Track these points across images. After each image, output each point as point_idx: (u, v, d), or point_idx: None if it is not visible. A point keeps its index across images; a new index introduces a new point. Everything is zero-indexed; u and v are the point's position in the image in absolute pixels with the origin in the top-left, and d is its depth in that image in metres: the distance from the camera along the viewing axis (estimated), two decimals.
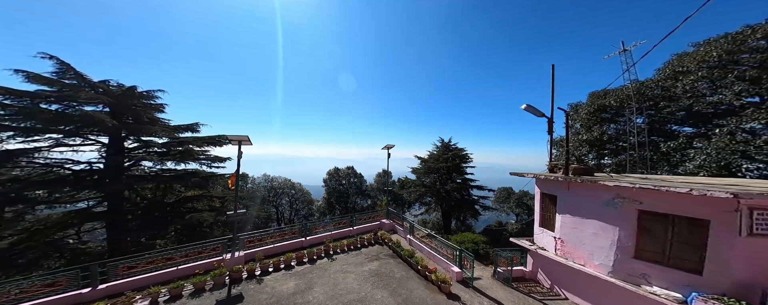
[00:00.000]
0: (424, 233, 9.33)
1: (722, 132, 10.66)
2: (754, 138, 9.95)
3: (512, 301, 5.96)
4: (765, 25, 10.67)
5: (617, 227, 5.22)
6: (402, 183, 27.35)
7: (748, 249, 3.80)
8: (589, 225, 5.78)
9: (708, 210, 4.07)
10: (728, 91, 11.41)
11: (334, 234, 10.10)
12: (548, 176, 7.04)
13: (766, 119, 9.74)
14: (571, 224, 6.25)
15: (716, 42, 11.89)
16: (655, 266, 4.71)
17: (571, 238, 6.26)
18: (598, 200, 5.57)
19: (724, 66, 11.50)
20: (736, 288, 3.86)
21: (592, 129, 15.54)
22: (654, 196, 4.66)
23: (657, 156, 12.74)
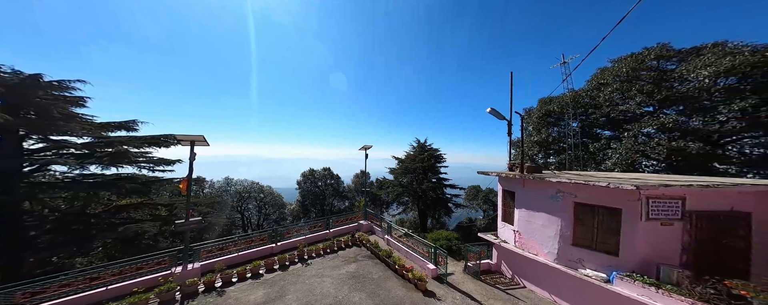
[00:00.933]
0: (401, 232, 9.60)
1: (628, 135, 13.52)
2: (649, 140, 12.89)
3: (481, 293, 6.46)
4: (656, 48, 13.83)
5: (559, 218, 6.05)
6: (380, 184, 27.56)
7: (647, 232, 4.82)
8: (539, 218, 6.59)
9: (620, 200, 5.04)
10: (632, 101, 14.49)
11: (309, 237, 9.71)
12: (508, 175, 7.88)
13: (657, 125, 12.69)
14: (526, 217, 7.05)
15: (625, 60, 14.80)
16: (587, 251, 5.59)
17: (526, 230, 7.04)
18: (545, 195, 6.39)
19: (630, 80, 14.49)
20: (640, 265, 4.85)
21: (541, 131, 18.03)
22: (585, 190, 5.57)
23: (587, 155, 15.48)
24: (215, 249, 7.67)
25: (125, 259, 6.30)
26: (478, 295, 6.30)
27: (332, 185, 31.81)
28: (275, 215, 29.58)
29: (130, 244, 11.01)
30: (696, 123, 11.84)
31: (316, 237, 9.98)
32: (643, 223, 4.78)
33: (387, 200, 26.60)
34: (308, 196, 30.32)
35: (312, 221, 11.30)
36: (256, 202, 29.11)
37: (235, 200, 27.60)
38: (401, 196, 23.51)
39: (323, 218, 11.20)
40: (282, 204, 30.49)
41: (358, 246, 9.70)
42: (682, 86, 12.49)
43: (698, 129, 11.61)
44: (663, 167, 12.36)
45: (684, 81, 12.33)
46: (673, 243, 4.83)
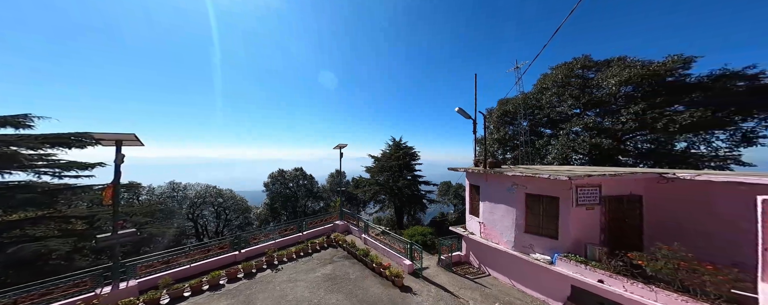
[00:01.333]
0: (378, 231, 9.73)
1: (563, 133, 16.27)
2: (577, 138, 15.74)
3: (452, 284, 6.95)
4: (581, 59, 16.79)
5: (515, 208, 6.86)
6: (356, 183, 27.32)
7: (577, 216, 5.86)
8: (500, 209, 7.36)
9: (558, 190, 5.99)
10: (565, 104, 17.41)
11: (279, 242, 9.19)
12: (473, 170, 8.59)
13: (582, 125, 15.55)
14: (489, 209, 7.78)
15: (559, 68, 17.63)
16: (536, 237, 6.42)
17: (489, 221, 7.75)
18: (503, 187, 7.14)
19: (563, 86, 17.36)
20: (574, 245, 5.84)
21: (500, 130, 20.31)
22: (533, 182, 6.44)
23: (534, 151, 18.10)
24: (158, 262, 6.70)
25: (23, 285, 4.96)
26: (450, 286, 6.77)
27: (305, 186, 30.26)
28: (238, 220, 26.80)
29: (29, 267, 8.54)
30: (607, 123, 14.93)
31: (288, 241, 9.46)
32: (574, 209, 5.78)
33: (364, 199, 26.61)
34: (278, 198, 28.31)
35: (283, 224, 10.66)
36: (213, 208, 25.77)
37: (186, 207, 23.96)
38: (378, 194, 23.78)
39: (296, 221, 10.67)
40: (246, 208, 27.73)
41: (334, 246, 9.51)
42: (598, 92, 15.51)
43: (609, 128, 14.68)
44: (587, 160, 15.30)
45: (599, 88, 15.32)
46: (595, 224, 5.95)
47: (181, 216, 23.10)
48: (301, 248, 8.72)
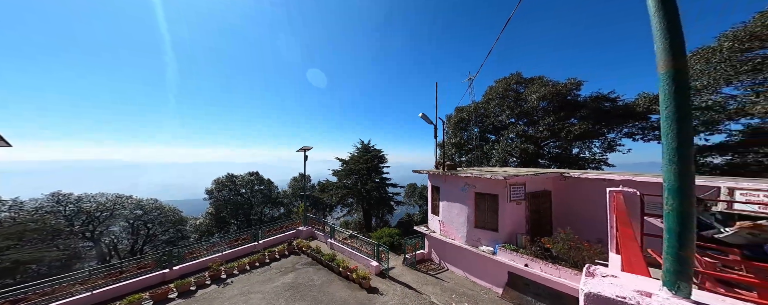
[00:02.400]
0: (346, 234, 9.67)
1: (503, 139, 19.54)
2: (512, 143, 19.18)
3: (417, 281, 7.45)
4: (515, 75, 20.55)
5: (467, 206, 7.86)
6: (322, 186, 26.07)
7: (510, 210, 7.17)
8: (455, 207, 8.29)
9: (497, 188, 7.21)
10: (504, 114, 20.94)
11: (227, 254, 8.31)
12: (434, 172, 9.49)
13: (516, 132, 19.03)
14: (447, 208, 8.64)
15: (500, 81, 21.16)
16: (483, 231, 7.47)
17: (447, 219, 8.58)
18: (458, 187, 8.07)
19: (503, 97, 20.88)
20: (509, 236, 7.12)
21: (457, 135, 22.83)
22: (480, 182, 7.53)
23: (481, 154, 21.13)
24: (35, 294, 5.41)
25: None
26: (415, 284, 7.25)
27: (262, 191, 27.11)
28: (168, 235, 21.97)
29: None
30: (531, 132, 18.72)
31: (239, 252, 8.62)
32: (508, 204, 7.09)
33: (330, 203, 25.67)
34: (225, 206, 24.50)
35: (232, 234, 9.45)
36: (127, 222, 20.38)
37: (81, 224, 18.30)
38: (346, 198, 23.39)
39: (249, 230, 9.78)
40: (179, 220, 23.00)
41: (296, 254, 9.05)
42: (525, 105, 19.27)
43: (532, 136, 18.44)
44: (519, 163, 18.83)
45: (526, 102, 19.06)
46: (522, 216, 7.36)
47: (73, 235, 17.47)
48: (257, 258, 8.03)
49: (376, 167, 23.42)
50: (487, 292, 6.99)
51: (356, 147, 24.27)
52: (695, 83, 11.28)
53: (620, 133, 16.03)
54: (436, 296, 6.58)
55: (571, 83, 17.09)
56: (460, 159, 23.11)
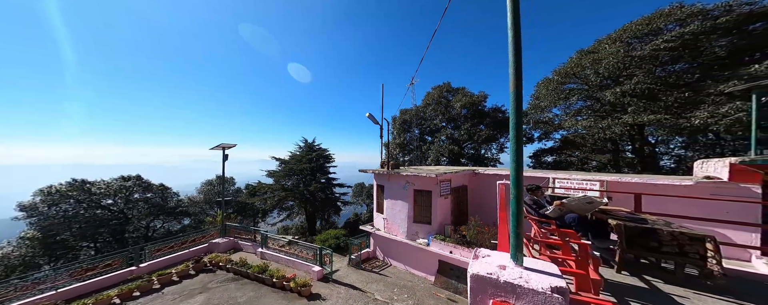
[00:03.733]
0: (283, 241, 8.62)
1: (436, 141, 22.86)
2: (443, 144, 22.75)
3: (362, 281, 7.44)
4: (445, 85, 24.47)
5: (407, 203, 8.54)
6: (252, 189, 21.98)
7: (440, 204, 8.27)
8: (398, 205, 8.86)
9: (430, 185, 8.23)
10: (438, 118, 24.53)
11: (70, 290, 5.93)
12: (379, 171, 9.79)
13: (446, 135, 22.67)
14: (391, 205, 9.12)
15: (436, 88, 24.51)
16: (420, 225, 8.26)
17: (391, 216, 9.08)
18: (400, 185, 8.69)
19: (438, 103, 24.46)
20: (439, 228, 8.16)
21: (401, 136, 24.82)
22: (418, 179, 8.35)
23: (420, 154, 23.92)
24: None
25: None
26: (360, 284, 7.24)
27: (149, 201, 19.92)
28: None
29: None
30: (456, 135, 22.85)
31: (99, 284, 6.30)
32: (439, 199, 8.19)
33: (263, 208, 22.05)
34: (67, 225, 16.53)
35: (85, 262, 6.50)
36: None
37: None
38: (284, 201, 20.76)
39: (122, 252, 7.16)
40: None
41: (209, 271, 7.43)
42: (452, 112, 23.34)
43: (456, 138, 22.55)
44: (449, 162, 22.52)
45: (453, 108, 23.12)
46: (448, 209, 8.55)
47: None
48: (135, 287, 6.03)
49: (321, 166, 22.12)
50: (423, 281, 7.56)
51: (299, 146, 22.22)
52: (541, 104, 17.01)
53: (505, 138, 21.95)
54: (380, 293, 6.77)
55: (481, 95, 21.89)
56: (404, 159, 25.27)
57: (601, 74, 13.21)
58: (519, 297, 0.91)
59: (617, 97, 12.24)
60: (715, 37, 10.17)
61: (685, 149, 13.51)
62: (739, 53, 9.94)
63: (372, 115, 10.10)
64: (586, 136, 15.13)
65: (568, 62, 15.37)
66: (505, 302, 0.93)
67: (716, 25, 9.95)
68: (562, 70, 15.36)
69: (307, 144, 22.28)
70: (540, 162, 19.04)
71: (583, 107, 15.06)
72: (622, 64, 12.29)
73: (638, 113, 11.50)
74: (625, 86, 11.90)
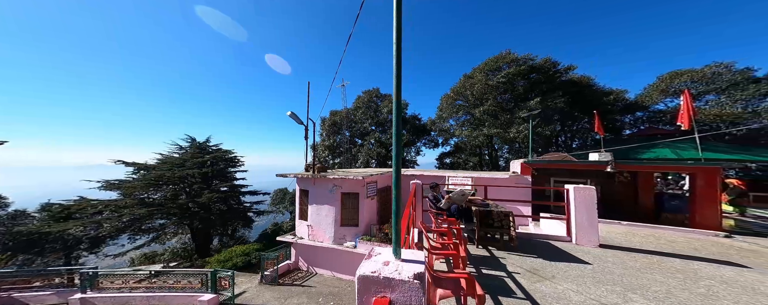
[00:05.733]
0: (140, 277, 5.93)
1: (366, 144, 23.98)
2: (372, 147, 24.21)
3: (279, 298, 6.63)
4: (374, 90, 26.35)
5: (334, 206, 8.43)
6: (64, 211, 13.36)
7: (367, 206, 8.79)
8: (324, 209, 8.57)
9: (358, 187, 8.59)
10: (368, 121, 25.83)
11: None
12: (303, 175, 9.07)
13: (374, 138, 24.24)
14: (316, 211, 8.69)
15: (366, 92, 25.84)
16: (347, 228, 8.35)
17: (316, 222, 8.65)
18: (327, 189, 8.46)
19: (368, 107, 25.77)
20: (366, 229, 8.60)
21: (331, 137, 23.88)
22: (346, 182, 8.43)
23: (350, 156, 24.17)
24: None
25: None
26: (276, 301, 6.46)
27: None
28: None
29: None
30: (383, 139, 25.05)
31: None
32: (365, 200, 8.68)
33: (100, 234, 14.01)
34: None
35: None
36: None
37: None
38: (146, 220, 14.19)
39: None
40: None
41: None
42: (381, 116, 25.41)
43: (384, 142, 24.75)
44: (376, 165, 24.26)
45: (381, 113, 25.20)
46: (374, 210, 9.19)
47: None
48: None
49: (221, 172, 17.48)
50: (350, 285, 7.54)
51: (180, 146, 16.69)
52: (443, 115, 22.15)
53: (421, 142, 26.73)
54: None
55: (403, 103, 25.51)
56: (334, 161, 24.54)
57: (474, 96, 18.81)
58: (393, 289, 0.98)
59: (481, 114, 17.91)
60: (519, 78, 17.05)
61: (509, 154, 21.93)
62: (527, 91, 17.34)
63: (295, 114, 9.08)
64: (467, 142, 21.09)
65: (457, 83, 20.77)
66: (384, 297, 0.98)
67: (519, 71, 16.71)
68: (454, 89, 20.60)
69: (195, 145, 16.95)
70: (442, 163, 24.48)
71: (465, 120, 20.86)
72: (484, 90, 18.09)
73: (490, 128, 17.42)
74: (485, 106, 17.65)
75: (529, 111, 11.13)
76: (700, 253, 3.46)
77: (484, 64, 19.02)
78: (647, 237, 4.19)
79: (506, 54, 18.36)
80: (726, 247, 3.76)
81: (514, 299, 2.25)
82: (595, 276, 2.65)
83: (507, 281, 2.63)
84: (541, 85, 16.97)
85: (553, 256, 3.32)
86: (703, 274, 2.72)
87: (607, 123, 16.29)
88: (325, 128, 24.21)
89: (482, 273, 2.91)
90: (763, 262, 3.15)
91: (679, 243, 3.96)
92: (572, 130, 18.65)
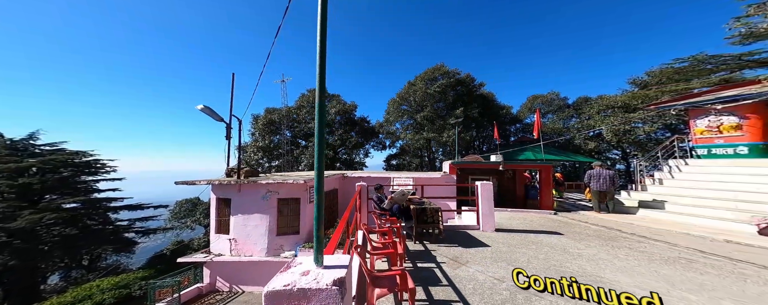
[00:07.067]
0: None
1: (310, 145, 22.10)
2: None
3: None
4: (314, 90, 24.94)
5: (268, 215, 7.50)
6: None
7: (310, 211, 8.21)
8: (254, 219, 7.45)
9: (299, 192, 7.95)
10: (313, 122, 23.90)
11: None
12: (223, 182, 7.54)
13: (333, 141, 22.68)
14: (242, 222, 7.44)
15: (311, 91, 24.18)
16: (285, 236, 7.60)
17: (242, 235, 7.41)
18: (258, 196, 7.40)
19: (312, 107, 23.88)
20: (308, 235, 8.03)
21: (266, 138, 20.45)
22: (284, 187, 7.62)
23: (292, 159, 21.60)
24: None
25: None
26: None
27: None
28: None
29: None
30: (330, 140, 23.89)
31: None
32: (309, 205, 8.23)
33: None
34: None
35: None
36: None
37: None
38: None
39: None
40: None
41: None
42: (330, 117, 24.09)
43: (331, 144, 23.62)
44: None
45: (328, 114, 23.93)
46: None
47: None
48: None
49: (67, 182, 12.09)
50: None
51: None
52: (390, 118, 23.60)
53: (369, 145, 27.36)
54: None
55: (352, 105, 25.10)
56: (270, 165, 21.23)
57: (416, 102, 20.97)
58: (309, 299, 0.90)
59: (422, 119, 20.22)
60: (449, 89, 20.52)
61: (443, 155, 25.90)
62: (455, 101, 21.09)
63: (210, 108, 7.23)
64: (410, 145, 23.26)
65: (402, 89, 22.53)
66: None
67: (449, 83, 20.15)
68: (400, 94, 22.26)
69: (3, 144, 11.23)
70: (389, 165, 25.83)
71: (409, 124, 22.93)
72: (424, 97, 20.49)
73: (428, 132, 19.95)
74: (424, 112, 20.04)
75: (455, 119, 13.62)
76: (543, 228, 5.15)
77: (424, 73, 21.54)
78: (521, 220, 5.95)
79: (440, 66, 21.52)
80: (554, 222, 5.82)
81: (440, 287, 2.65)
82: (493, 256, 3.49)
83: (436, 271, 3.07)
84: (464, 97, 20.93)
85: (468, 243, 4.15)
86: (544, 243, 4.07)
87: (502, 131, 22.07)
88: (257, 126, 20.52)
89: (417, 267, 3.26)
90: (569, 230, 5.04)
91: (535, 221, 5.86)
92: (483, 136, 23.99)
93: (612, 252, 3.68)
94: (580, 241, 4.24)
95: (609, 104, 17.04)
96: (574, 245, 4.04)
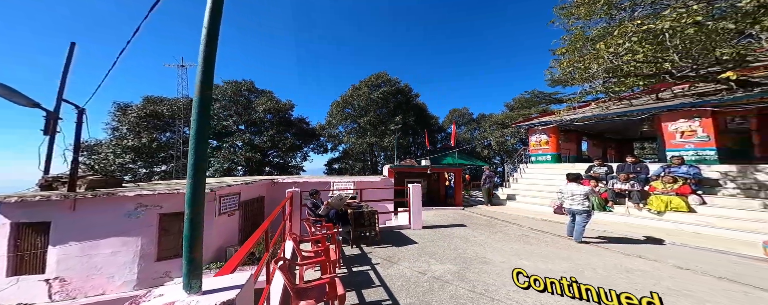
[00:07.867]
0: None
1: (226, 146, 17.76)
2: (237, 151, 18.37)
3: None
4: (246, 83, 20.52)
5: (140, 236, 5.34)
6: None
7: (219, 224, 6.43)
8: (107, 244, 5.11)
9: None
10: (231, 119, 19.50)
11: None
12: (29, 197, 4.78)
13: (242, 140, 18.67)
14: (78, 252, 4.96)
15: (229, 84, 19.62)
16: (173, 260, 5.61)
17: (80, 270, 4.96)
18: (120, 213, 5.23)
19: (231, 101, 19.50)
20: (217, 253, 6.15)
21: (142, 135, 14.60)
22: (170, 199, 5.64)
23: None
24: None
25: None
26: None
27: None
28: None
29: None
30: (257, 141, 20.14)
31: None
32: (216, 218, 6.38)
33: None
34: None
35: None
36: None
37: None
38: None
39: None
40: None
41: None
42: (254, 115, 20.35)
43: (258, 145, 19.90)
44: (246, 171, 18.54)
45: (255, 111, 20.26)
46: (234, 228, 7.03)
47: None
48: None
49: None
50: None
51: None
52: (333, 121, 22.73)
53: (309, 147, 25.09)
54: None
55: (288, 104, 22.30)
56: (150, 170, 15.27)
57: (360, 106, 21.27)
58: None
59: (366, 123, 20.66)
60: (390, 97, 22.21)
61: (384, 159, 27.33)
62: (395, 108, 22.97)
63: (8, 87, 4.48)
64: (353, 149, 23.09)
65: (347, 92, 22.37)
66: None
67: (390, 90, 21.84)
68: (343, 97, 21.97)
69: None
70: (331, 169, 24.44)
71: (353, 128, 22.82)
72: (367, 102, 21.11)
73: (371, 136, 20.60)
74: (367, 117, 20.62)
75: (395, 125, 14.91)
76: (455, 222, 6.28)
77: (368, 79, 22.36)
78: (441, 216, 7.07)
79: (383, 74, 23.04)
80: (462, 216, 7.04)
81: (372, 288, 2.66)
82: (419, 251, 3.89)
83: (370, 273, 3.08)
84: (403, 105, 23.17)
85: (400, 242, 4.45)
86: (455, 235, 4.96)
87: (431, 139, 25.85)
88: (127, 119, 14.48)
89: (352, 271, 3.16)
90: (470, 222, 5.92)
91: (450, 216, 7.10)
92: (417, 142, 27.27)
93: (492, 236, 4.91)
94: (475, 230, 5.43)
95: (494, 121, 23.84)
96: (472, 233, 5.13)
